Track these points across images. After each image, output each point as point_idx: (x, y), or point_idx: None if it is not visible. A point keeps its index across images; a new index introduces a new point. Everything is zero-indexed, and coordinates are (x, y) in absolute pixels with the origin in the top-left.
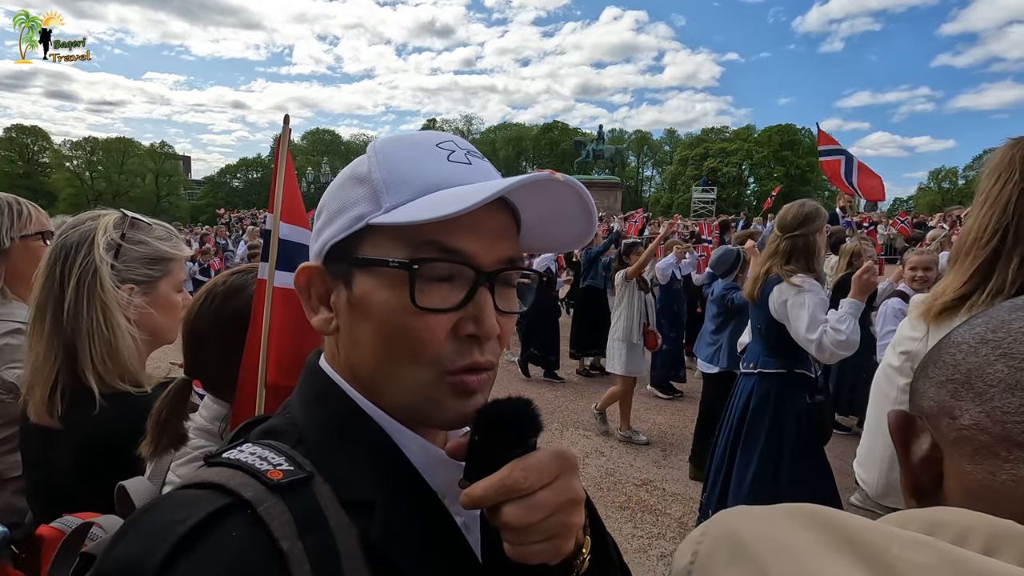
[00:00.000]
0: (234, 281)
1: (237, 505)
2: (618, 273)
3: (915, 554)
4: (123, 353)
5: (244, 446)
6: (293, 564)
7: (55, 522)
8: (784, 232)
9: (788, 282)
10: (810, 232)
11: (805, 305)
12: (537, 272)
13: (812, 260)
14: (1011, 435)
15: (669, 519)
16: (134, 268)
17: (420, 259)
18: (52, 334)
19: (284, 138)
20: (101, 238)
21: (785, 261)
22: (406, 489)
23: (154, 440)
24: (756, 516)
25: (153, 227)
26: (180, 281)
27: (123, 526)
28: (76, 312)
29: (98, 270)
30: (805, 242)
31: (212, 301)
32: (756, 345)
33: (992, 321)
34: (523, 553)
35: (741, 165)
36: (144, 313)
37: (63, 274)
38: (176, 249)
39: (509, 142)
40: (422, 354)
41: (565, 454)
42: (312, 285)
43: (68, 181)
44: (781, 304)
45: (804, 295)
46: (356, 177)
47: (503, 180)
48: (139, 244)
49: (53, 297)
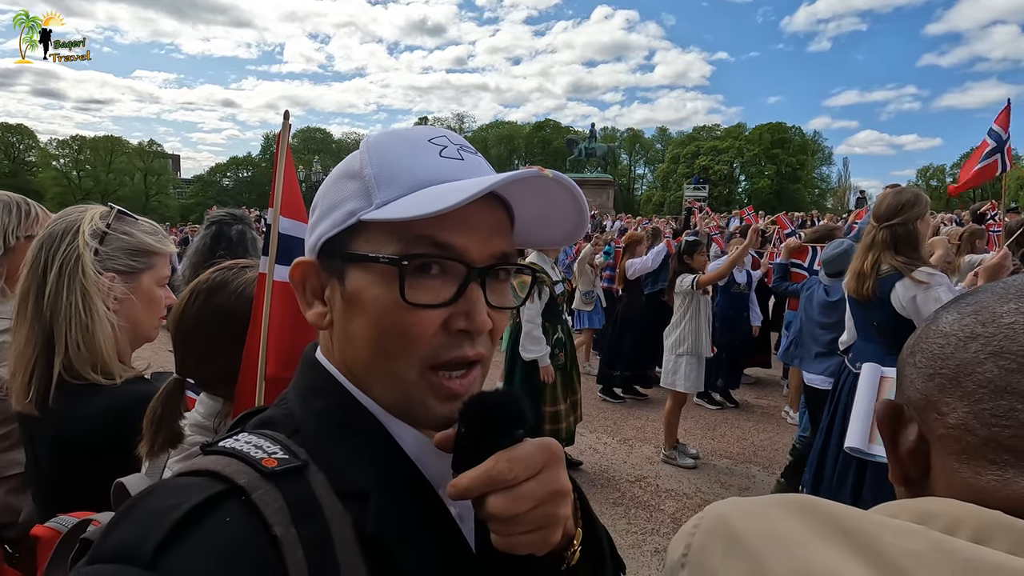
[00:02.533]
0: (216, 278)
1: (232, 492)
2: (683, 278)
3: (906, 542)
4: (99, 338)
5: (240, 435)
6: (286, 550)
7: (50, 522)
8: (881, 222)
9: (911, 277)
10: (910, 220)
11: (942, 302)
12: (532, 267)
13: (917, 248)
14: (999, 438)
15: (663, 515)
16: (117, 257)
17: (410, 255)
18: (33, 319)
19: (284, 134)
20: (87, 226)
21: (895, 251)
22: (401, 479)
23: (150, 439)
24: (749, 508)
25: (139, 221)
26: (163, 276)
27: (119, 512)
28: (56, 297)
29: (81, 256)
30: (906, 231)
31: (196, 300)
32: (869, 344)
33: (982, 312)
34: (510, 544)
35: (732, 163)
36: (124, 301)
37: (47, 260)
38: (161, 244)
39: (501, 140)
40: (413, 349)
41: (551, 446)
42: (307, 280)
43: (55, 180)
44: (910, 300)
45: (937, 289)
46: (349, 172)
47: (492, 176)
48: (124, 234)
49: (36, 283)
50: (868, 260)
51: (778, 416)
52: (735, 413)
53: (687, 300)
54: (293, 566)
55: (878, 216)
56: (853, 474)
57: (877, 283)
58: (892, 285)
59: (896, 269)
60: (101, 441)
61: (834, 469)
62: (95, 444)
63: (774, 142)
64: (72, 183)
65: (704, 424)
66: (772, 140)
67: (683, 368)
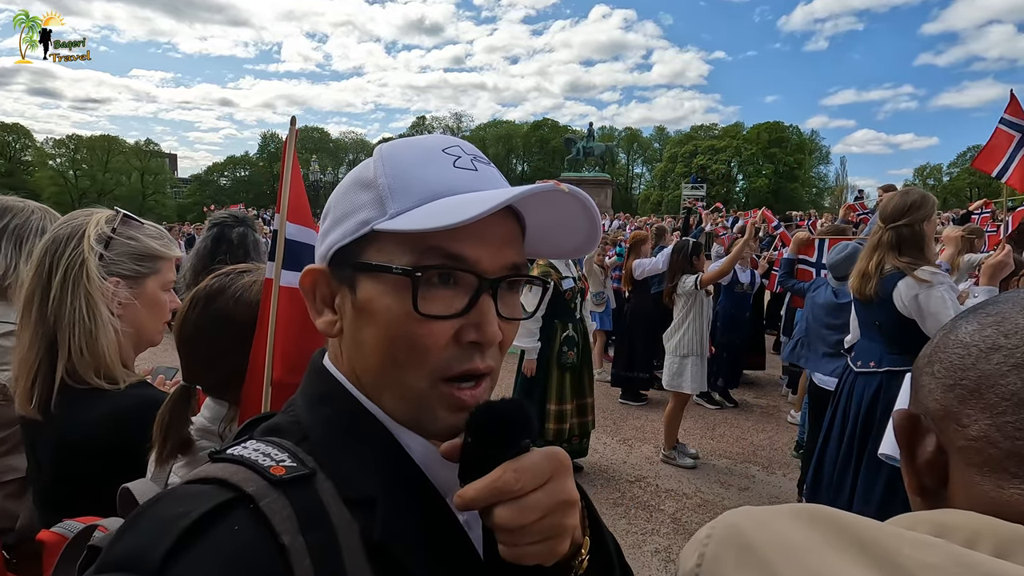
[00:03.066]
0: (214, 284)
1: (240, 500)
2: (687, 279)
3: (926, 555)
4: (102, 343)
5: (248, 443)
6: (294, 558)
7: (56, 527)
8: (887, 223)
9: (913, 276)
10: (916, 221)
11: (946, 301)
12: (542, 279)
13: (922, 250)
14: (1022, 451)
15: (663, 515)
16: (122, 262)
17: (424, 266)
18: (37, 323)
19: (291, 140)
20: (92, 230)
21: (899, 252)
22: (408, 486)
23: (160, 447)
24: (762, 517)
25: (145, 226)
26: (168, 281)
27: (127, 519)
28: (60, 301)
29: (86, 261)
30: (912, 232)
31: (196, 307)
32: (872, 343)
33: (1004, 323)
34: (517, 554)
35: (730, 162)
36: (128, 306)
37: (51, 265)
38: (166, 248)
39: (499, 140)
40: (423, 360)
41: (558, 455)
42: (317, 288)
43: (51, 180)
44: (911, 299)
45: (939, 288)
46: (362, 181)
47: (508, 190)
48: (130, 239)
49: (41, 287)
50: (873, 260)
51: (777, 416)
52: (734, 413)
53: (690, 300)
54: (301, 574)
55: (885, 217)
56: (851, 476)
57: (880, 283)
58: (895, 284)
59: (899, 269)
60: (104, 445)
61: (833, 470)
62: (98, 448)
63: (772, 141)
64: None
65: (703, 424)
66: (770, 139)
67: (688, 369)
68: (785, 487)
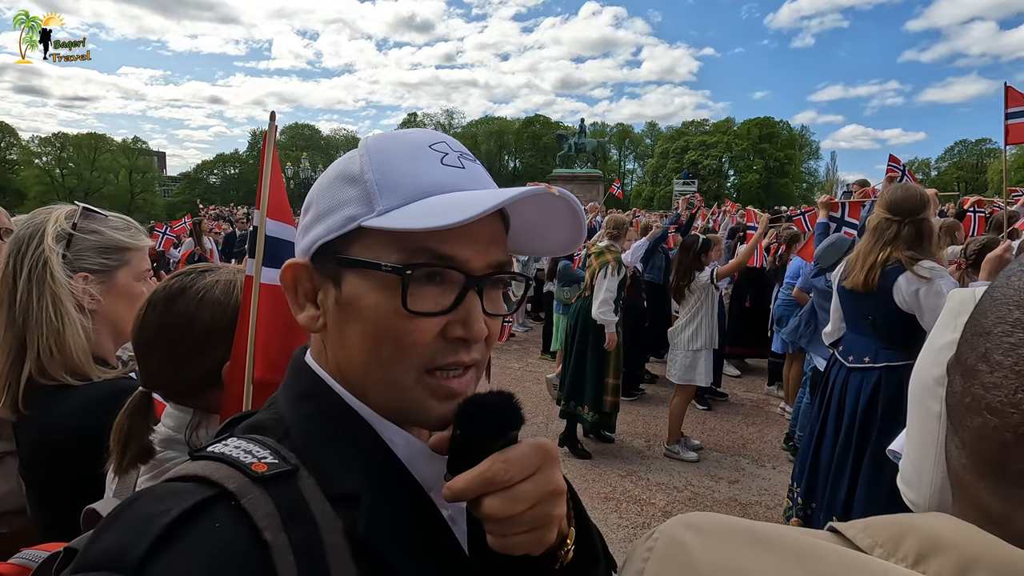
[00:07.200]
0: (174, 285)
1: (221, 497)
2: (702, 273)
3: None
4: (69, 342)
5: (229, 440)
6: (277, 555)
7: (15, 557)
8: (904, 217)
9: (913, 271)
10: (927, 215)
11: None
12: (525, 276)
13: (926, 245)
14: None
15: (654, 508)
16: (87, 257)
17: (413, 264)
18: (8, 326)
19: (270, 135)
20: (51, 228)
21: (907, 247)
22: (392, 483)
23: (118, 456)
24: (712, 532)
25: (109, 218)
26: (142, 271)
27: (106, 518)
28: (27, 303)
29: (48, 261)
30: (928, 227)
31: (153, 309)
32: (864, 337)
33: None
34: (506, 544)
35: (721, 158)
36: (101, 301)
37: (15, 267)
38: (133, 239)
39: (491, 136)
40: (410, 355)
41: (546, 446)
42: (299, 282)
43: (37, 178)
44: (911, 294)
45: (939, 283)
46: (347, 176)
47: (500, 193)
48: (91, 233)
49: (7, 290)
50: (883, 254)
51: (766, 409)
52: (723, 406)
53: (703, 295)
54: (283, 571)
55: (901, 211)
56: (849, 471)
57: (881, 276)
58: (895, 279)
59: (899, 262)
60: (83, 434)
61: (830, 465)
62: (77, 439)
63: (762, 137)
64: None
65: (693, 418)
66: (760, 135)
67: (701, 363)
68: (775, 480)
